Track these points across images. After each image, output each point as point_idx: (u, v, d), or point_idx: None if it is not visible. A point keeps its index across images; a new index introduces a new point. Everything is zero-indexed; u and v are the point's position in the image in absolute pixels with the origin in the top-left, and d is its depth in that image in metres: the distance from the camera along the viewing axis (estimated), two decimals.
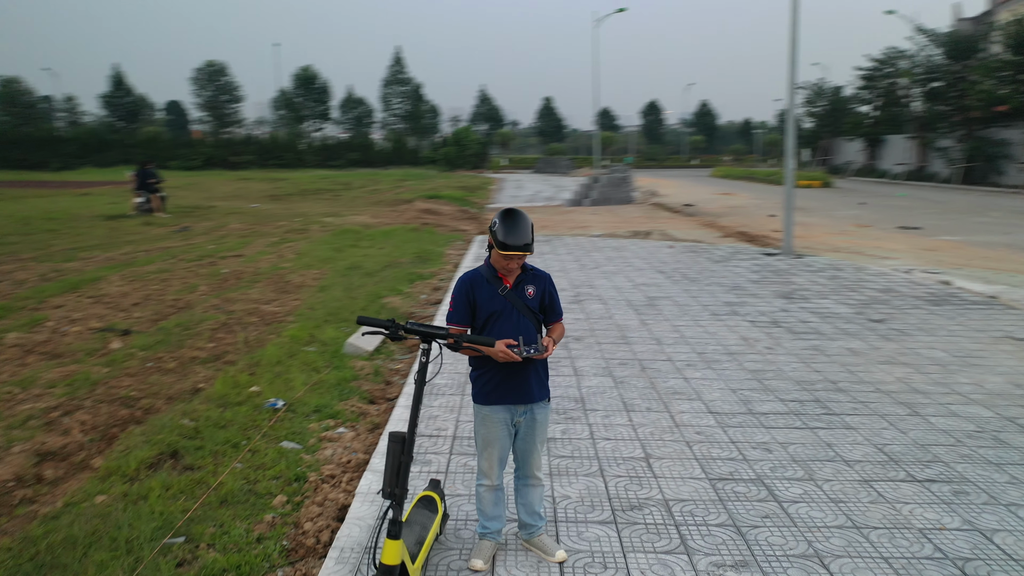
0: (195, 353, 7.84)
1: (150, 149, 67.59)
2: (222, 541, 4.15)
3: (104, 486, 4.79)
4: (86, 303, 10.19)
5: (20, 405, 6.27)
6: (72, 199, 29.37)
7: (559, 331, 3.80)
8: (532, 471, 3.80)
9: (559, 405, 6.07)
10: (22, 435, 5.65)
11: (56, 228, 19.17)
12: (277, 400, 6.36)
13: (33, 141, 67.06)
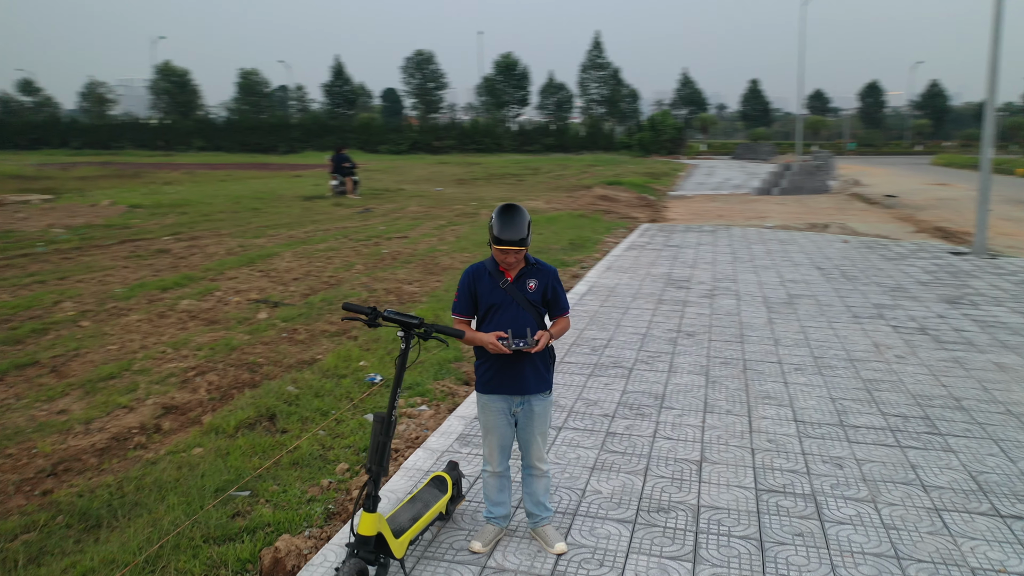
0: (326, 327, 8.52)
1: (364, 134, 72.92)
2: (278, 499, 4.58)
3: (203, 440, 5.42)
4: (255, 276, 11.36)
5: (167, 363, 7.19)
6: (284, 180, 32.41)
7: (560, 326, 3.81)
8: (533, 461, 3.86)
9: (635, 400, 6.01)
10: (159, 389, 6.50)
11: (260, 207, 21.33)
12: (376, 375, 6.80)
13: (266, 127, 74.58)
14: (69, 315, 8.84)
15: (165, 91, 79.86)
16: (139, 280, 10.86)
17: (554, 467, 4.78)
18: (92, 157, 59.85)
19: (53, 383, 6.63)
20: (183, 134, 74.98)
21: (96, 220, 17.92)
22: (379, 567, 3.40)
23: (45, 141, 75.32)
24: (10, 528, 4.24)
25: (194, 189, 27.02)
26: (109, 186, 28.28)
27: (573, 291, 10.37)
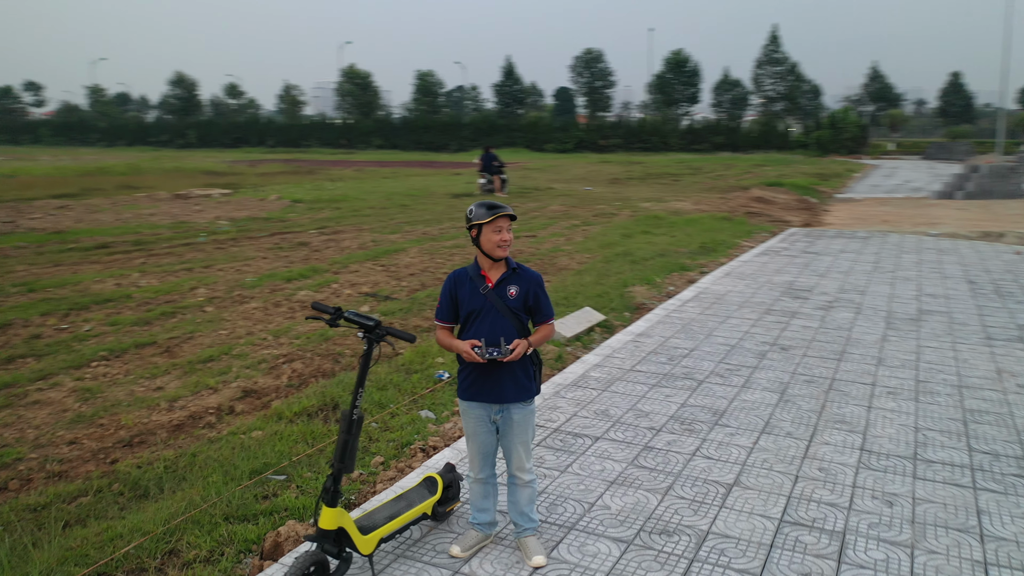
0: (420, 322, 8.78)
1: (530, 133, 74.05)
2: (307, 485, 4.80)
3: (264, 423, 5.77)
4: (376, 270, 11.89)
5: (264, 350, 7.71)
6: (442, 178, 33.60)
7: (542, 333, 3.72)
8: (514, 470, 3.79)
9: (690, 415, 5.73)
10: (248, 373, 6.99)
11: (408, 204, 22.27)
12: (445, 372, 6.93)
13: (439, 126, 77.63)
14: (199, 300, 9.69)
15: (349, 93, 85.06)
16: (271, 270, 11.69)
17: (572, 478, 4.67)
18: (282, 154, 64.99)
19: (161, 363, 7.31)
20: (364, 133, 79.60)
21: (259, 213, 19.46)
22: (341, 561, 3.48)
23: (245, 140, 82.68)
24: (72, 490, 4.74)
25: (354, 185, 28.65)
26: (284, 182, 30.59)
27: (677, 296, 10.03)
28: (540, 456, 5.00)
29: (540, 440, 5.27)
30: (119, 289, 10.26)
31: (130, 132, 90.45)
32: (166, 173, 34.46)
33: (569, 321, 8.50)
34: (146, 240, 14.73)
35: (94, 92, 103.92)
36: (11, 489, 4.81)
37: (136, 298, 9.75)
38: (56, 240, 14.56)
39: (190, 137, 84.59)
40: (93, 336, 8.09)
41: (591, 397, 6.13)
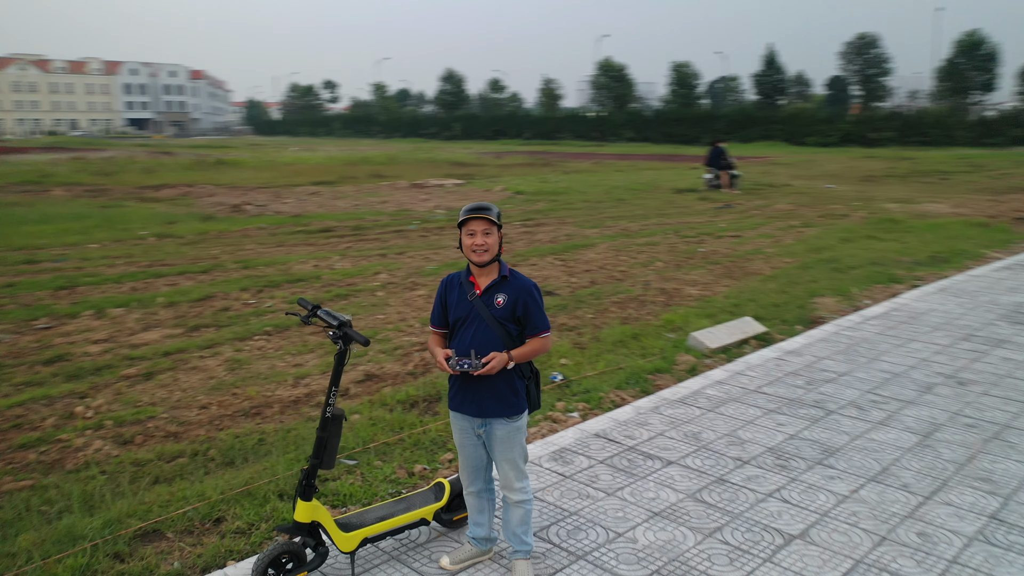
0: (570, 321, 8.64)
1: (790, 125, 69.71)
2: (369, 473, 4.95)
3: (364, 408, 6.03)
4: (553, 265, 11.91)
5: (406, 336, 8.03)
6: (674, 172, 32.76)
7: (530, 347, 3.45)
8: (503, 488, 3.59)
9: (793, 450, 5.06)
10: (380, 358, 7.33)
11: (626, 198, 22.00)
12: (559, 374, 6.77)
13: (692, 119, 75.79)
14: (374, 285, 10.35)
15: (604, 86, 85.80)
16: (454, 260, 12.16)
17: (616, 503, 4.33)
18: (533, 146, 67.30)
19: (312, 342, 7.90)
20: (615, 125, 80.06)
21: None
22: (316, 555, 3.53)
23: (504, 132, 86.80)
24: (175, 451, 5.29)
25: (581, 178, 28.87)
26: (518, 173, 31.66)
27: (863, 312, 8.90)
28: (595, 474, 4.70)
29: (609, 456, 4.96)
30: (314, 270, 11.26)
31: (405, 125, 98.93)
32: (417, 163, 37.18)
33: (719, 331, 7.89)
34: (364, 226, 16.01)
35: (378, 89, 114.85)
36: (134, 443, 5.47)
37: (324, 279, 10.64)
38: (291, 223, 16.33)
39: (455, 129, 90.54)
40: (270, 312, 8.95)
41: (691, 416, 5.64)
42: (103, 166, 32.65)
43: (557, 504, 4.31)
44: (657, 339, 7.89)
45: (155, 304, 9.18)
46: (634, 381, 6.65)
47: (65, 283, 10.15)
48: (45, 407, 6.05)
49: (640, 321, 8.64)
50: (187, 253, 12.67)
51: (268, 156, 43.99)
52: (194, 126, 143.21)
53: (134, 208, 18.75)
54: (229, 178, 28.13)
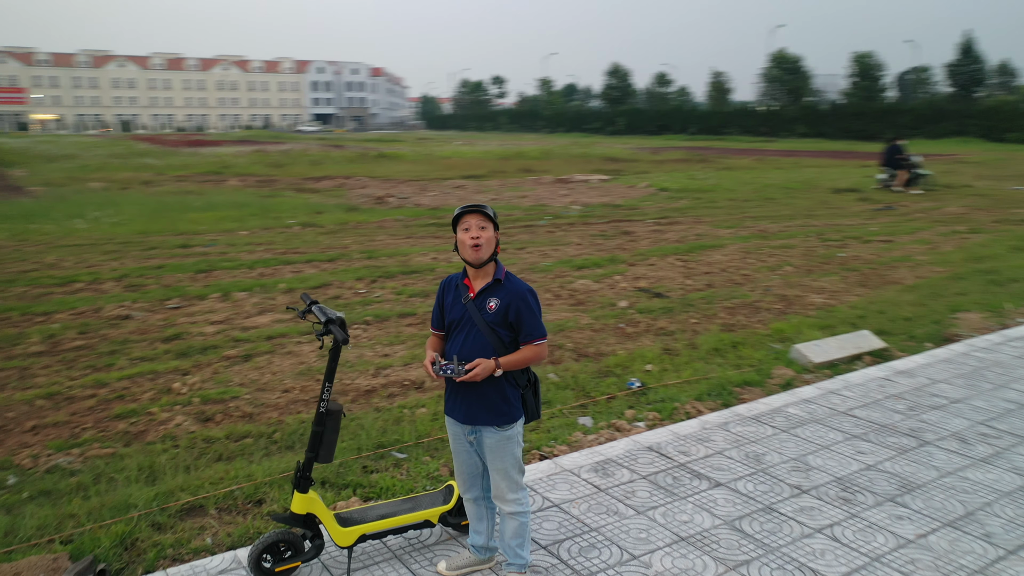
0: (669, 326, 8.30)
1: (988, 120, 63.33)
2: (416, 468, 4.97)
3: (434, 403, 6.07)
4: (672, 265, 11.48)
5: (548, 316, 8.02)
6: (840, 170, 30.65)
7: (521, 355, 3.28)
8: (494, 497, 3.47)
9: (863, 483, 4.56)
10: None
11: (776, 197, 20.86)
12: (636, 380, 6.51)
13: (872, 113, 70.57)
14: None
15: (776, 78, 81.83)
16: (572, 257, 12.02)
17: (643, 522, 4.08)
18: (695, 142, 65.42)
19: (407, 333, 8.07)
20: (787, 120, 76.10)
21: (616, 200, 20.01)
22: (312, 547, 3.58)
23: (669, 127, 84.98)
24: (246, 431, 5.55)
25: (732, 175, 27.68)
26: (671, 169, 30.88)
27: (1008, 332, 7.89)
28: (632, 490, 4.46)
29: (654, 472, 4.69)
30: (432, 262, 11.52)
31: (569, 120, 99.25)
32: (570, 158, 37.17)
33: (829, 344, 7.29)
34: None
35: (544, 84, 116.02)
36: (213, 421, 5.81)
37: (436, 272, 10.86)
38: (427, 216, 16.81)
39: (619, 124, 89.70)
40: (376, 302, 9.25)
41: (760, 436, 5.23)
42: (278, 158, 35.17)
43: (580, 518, 4.13)
44: (759, 349, 7.40)
45: (276, 290, 9.74)
46: (717, 393, 6.27)
47: (205, 267, 11.00)
48: (149, 381, 6.57)
49: (746, 329, 8.14)
50: (322, 242, 13.35)
51: (428, 150, 45.63)
52: (372, 121, 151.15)
53: (290, 198, 20.04)
54: (385, 171, 29.42)
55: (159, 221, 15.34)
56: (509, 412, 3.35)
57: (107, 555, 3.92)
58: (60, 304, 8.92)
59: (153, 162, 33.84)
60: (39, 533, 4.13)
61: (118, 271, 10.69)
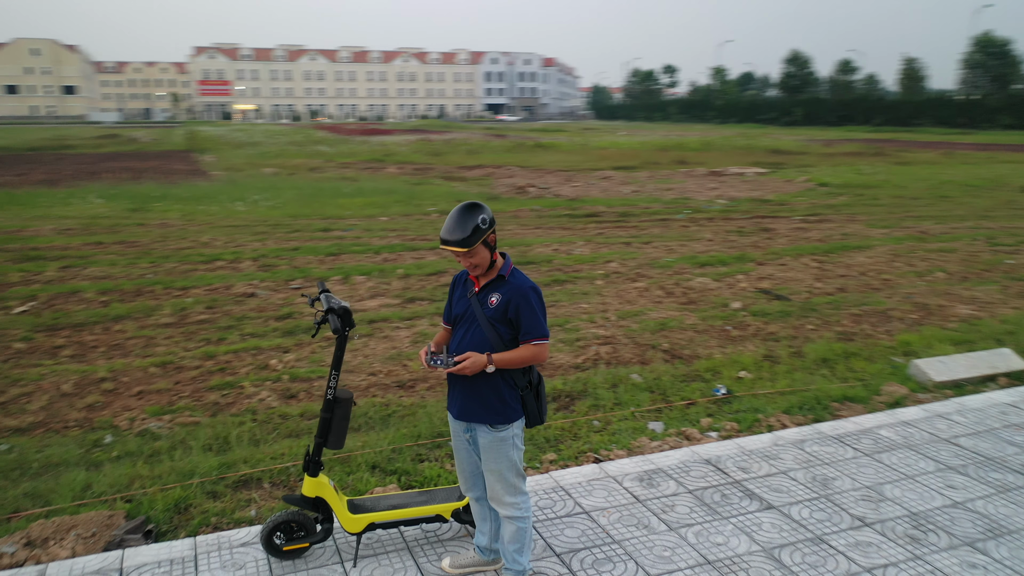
0: (779, 331, 7.78)
1: None
2: None
3: None
4: (805, 267, 10.74)
5: (594, 328, 7.85)
6: None
7: (517, 354, 3.14)
8: (489, 499, 3.37)
9: (943, 520, 4.02)
10: (558, 347, 7.28)
11: (951, 195, 19.00)
12: (722, 387, 6.15)
13: None
14: (599, 273, 10.23)
15: (979, 64, 74.36)
16: (698, 253, 11.54)
17: (672, 540, 3.83)
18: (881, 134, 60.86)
19: None
20: (989, 111, 69.14)
21: (766, 194, 18.99)
22: (322, 531, 3.64)
23: (851, 118, 79.67)
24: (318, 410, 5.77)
25: (904, 171, 25.45)
26: (838, 163, 28.89)
27: None
28: (672, 504, 4.20)
29: (703, 487, 4.39)
30: (551, 254, 11.45)
31: (742, 110, 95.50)
32: (733, 150, 35.72)
33: (957, 361, 6.54)
34: (632, 213, 15.86)
35: (717, 72, 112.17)
36: (296, 398, 6.08)
37: (553, 263, 10.78)
38: (564, 207, 16.74)
39: (796, 115, 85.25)
40: None
41: (837, 458, 4.76)
42: (439, 147, 36.37)
43: (606, 528, 3.95)
44: (875, 363, 6.77)
45: (393, 275, 10.06)
46: (810, 407, 5.79)
47: (336, 250, 11.56)
48: (251, 356, 6.99)
49: (868, 340, 7.46)
50: None
51: (586, 140, 45.46)
52: (542, 111, 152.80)
53: (437, 186, 20.65)
54: (539, 160, 29.62)
55: (310, 205, 16.30)
56: (504, 412, 3.24)
57: (159, 517, 4.20)
58: (199, 280, 9.69)
59: (325, 150, 36.03)
60: (110, 490, 4.49)
61: (258, 251, 11.47)
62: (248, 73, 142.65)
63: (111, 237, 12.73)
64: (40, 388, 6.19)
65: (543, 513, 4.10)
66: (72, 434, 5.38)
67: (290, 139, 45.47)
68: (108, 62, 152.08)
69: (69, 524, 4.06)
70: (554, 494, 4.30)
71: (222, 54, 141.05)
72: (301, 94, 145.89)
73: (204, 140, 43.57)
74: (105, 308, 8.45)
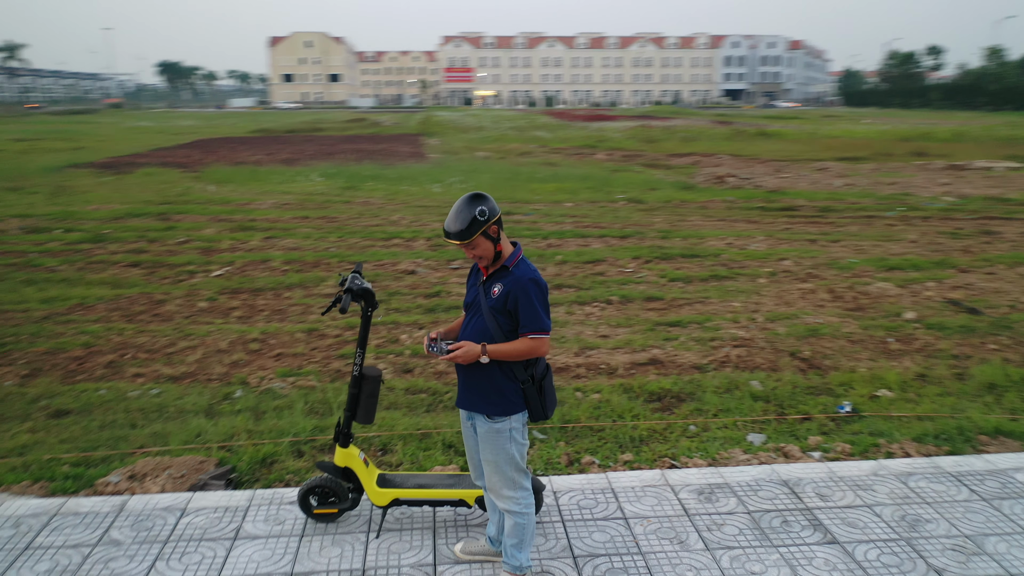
0: (951, 348, 6.85)
1: None
2: (542, 451, 4.93)
3: (610, 391, 5.91)
4: (1021, 277, 9.31)
5: (735, 329, 7.40)
6: None
7: (513, 347, 3.07)
8: (489, 491, 3.32)
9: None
10: (688, 344, 6.97)
11: None
12: (847, 404, 5.56)
13: None
14: (766, 271, 9.59)
15: None
16: (890, 256, 10.41)
17: (702, 561, 3.56)
18: None
19: (639, 316, 7.85)
20: None
21: (1007, 193, 16.62)
22: (350, 500, 3.81)
23: None
24: (424, 387, 6.00)
25: None
26: None
27: None
28: (722, 522, 3.89)
29: (765, 510, 4.02)
30: (722, 247, 10.90)
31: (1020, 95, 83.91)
32: (990, 142, 31.53)
33: None
34: (834, 208, 14.62)
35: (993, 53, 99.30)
36: (411, 373, 6.37)
37: (721, 258, 10.26)
38: (760, 199, 15.81)
39: None
40: (634, 282, 9.11)
41: (944, 498, 4.13)
42: (655, 134, 35.76)
43: (637, 538, 3.75)
44: None
45: (551, 261, 10.14)
46: (948, 437, 5.07)
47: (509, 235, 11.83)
48: (387, 330, 7.40)
49: None
50: (631, 218, 13.43)
51: (816, 128, 42.37)
52: (785, 96, 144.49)
53: (636, 174, 20.35)
54: (754, 149, 28.15)
55: (502, 189, 16.78)
56: (501, 404, 3.19)
57: (244, 468, 4.64)
58: (371, 255, 10.40)
59: (543, 135, 36.82)
60: (215, 439, 5.02)
61: (435, 231, 12.05)
62: (489, 60, 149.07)
63: (316, 212, 14.00)
64: (203, 344, 7.02)
65: (580, 513, 3.98)
66: (211, 386, 6.05)
67: (514, 124, 46.98)
68: (368, 52, 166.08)
69: (167, 464, 4.60)
70: (600, 495, 4.16)
71: (467, 42, 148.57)
72: (538, 80, 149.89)
73: (436, 124, 46.29)
74: (283, 276, 9.35)
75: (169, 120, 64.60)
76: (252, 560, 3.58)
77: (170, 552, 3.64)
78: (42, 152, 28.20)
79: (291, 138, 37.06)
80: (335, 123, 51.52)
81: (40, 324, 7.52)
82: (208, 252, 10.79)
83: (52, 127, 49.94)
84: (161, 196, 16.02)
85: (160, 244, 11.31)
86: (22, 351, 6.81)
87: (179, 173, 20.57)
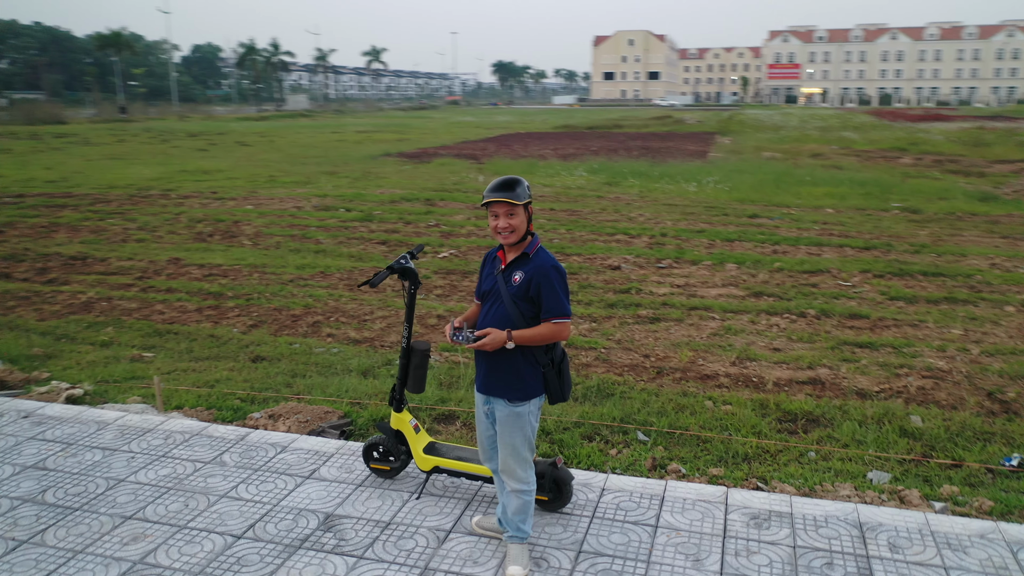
0: None
1: None
2: (633, 452, 4.90)
3: (747, 405, 5.62)
4: None
5: (936, 359, 6.51)
6: None
7: (538, 331, 3.21)
8: (500, 470, 3.46)
9: None
10: (868, 369, 6.33)
11: None
12: (1015, 458, 4.70)
13: None
14: (1018, 298, 8.17)
15: None
16: None
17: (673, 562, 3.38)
18: None
19: (827, 334, 7.20)
20: None
21: None
22: (402, 461, 4.17)
23: None
24: None
25: None
26: None
27: None
28: (756, 549, 3.60)
29: (815, 548, 3.62)
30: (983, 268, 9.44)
31: None
32: None
33: None
34: None
35: None
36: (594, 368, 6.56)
37: (972, 279, 8.91)
38: None
39: None
40: (847, 298, 8.30)
41: None
42: (986, 137, 31.16)
43: (654, 547, 3.64)
44: None
45: (764, 267, 9.59)
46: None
47: (735, 236, 11.39)
48: None
49: None
50: (890, 229, 12.09)
51: None
52: None
53: (932, 180, 18.08)
54: None
55: (763, 191, 16.00)
56: (522, 388, 3.33)
57: (360, 423, 5.25)
58: (586, 249, 10.69)
59: (850, 136, 33.97)
60: (352, 396, 5.70)
61: (665, 229, 11.96)
62: (819, 55, 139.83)
63: (564, 206, 14.57)
64: (395, 315, 7.86)
65: (613, 513, 3.94)
66: (381, 352, 6.81)
67: (824, 124, 43.85)
68: (691, 49, 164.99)
69: (299, 410, 5.36)
70: (645, 500, 4.06)
71: (796, 37, 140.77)
72: (874, 76, 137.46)
73: (737, 123, 44.81)
74: None
75: (489, 115, 70.25)
76: (308, 497, 4.11)
77: (256, 478, 4.31)
78: (372, 143, 32.49)
79: (587, 134, 38.35)
80: (637, 120, 52.21)
81: (283, 285, 8.96)
82: (448, 235, 11.84)
83: (393, 120, 57.08)
84: (439, 184, 17.75)
85: (413, 226, 12.65)
86: (259, 306, 8.20)
87: (467, 164, 22.52)
